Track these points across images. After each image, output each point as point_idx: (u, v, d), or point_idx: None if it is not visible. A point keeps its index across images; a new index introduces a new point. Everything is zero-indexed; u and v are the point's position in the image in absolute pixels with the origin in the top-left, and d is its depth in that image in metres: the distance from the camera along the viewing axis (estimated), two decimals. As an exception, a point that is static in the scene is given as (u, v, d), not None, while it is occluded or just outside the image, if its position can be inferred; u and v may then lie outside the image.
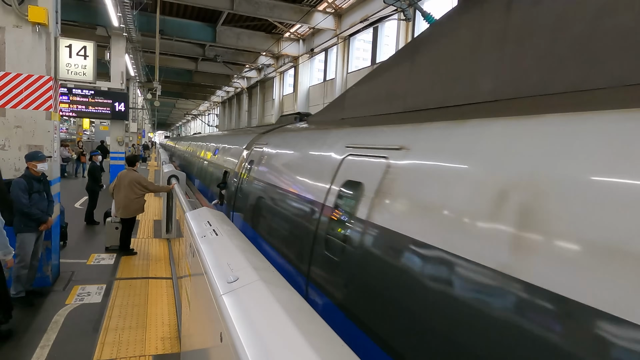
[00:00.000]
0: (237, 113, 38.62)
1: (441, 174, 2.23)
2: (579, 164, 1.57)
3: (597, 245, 1.40)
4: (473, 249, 1.86)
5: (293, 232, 3.79)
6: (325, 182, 3.37)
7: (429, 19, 8.26)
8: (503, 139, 1.98)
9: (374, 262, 2.51)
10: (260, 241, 4.58)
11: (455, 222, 2.00)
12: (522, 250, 1.64)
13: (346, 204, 2.99)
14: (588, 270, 1.40)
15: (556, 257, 1.50)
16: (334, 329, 1.64)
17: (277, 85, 26.77)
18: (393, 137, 2.81)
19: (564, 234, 1.52)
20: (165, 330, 4.66)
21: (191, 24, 20.81)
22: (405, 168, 2.52)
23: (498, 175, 1.88)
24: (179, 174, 9.10)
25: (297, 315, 1.75)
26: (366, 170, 2.88)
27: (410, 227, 2.27)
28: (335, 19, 17.63)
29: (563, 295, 1.44)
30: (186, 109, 59.39)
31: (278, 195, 4.38)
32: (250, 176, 5.63)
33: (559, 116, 1.81)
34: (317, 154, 3.91)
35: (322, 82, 21.08)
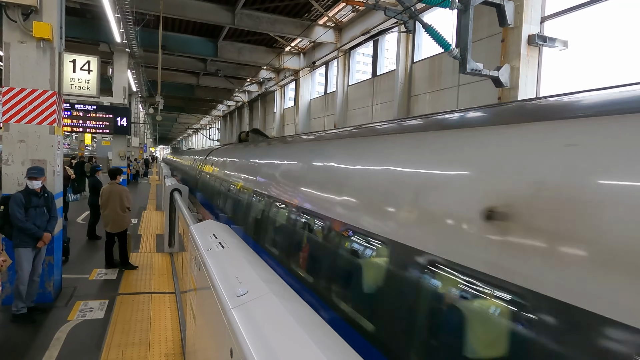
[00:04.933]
0: (238, 127, 38.76)
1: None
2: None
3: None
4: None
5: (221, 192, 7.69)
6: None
7: (430, 31, 8.31)
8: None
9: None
10: (206, 202, 8.92)
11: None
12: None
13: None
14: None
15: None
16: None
17: (278, 98, 26.91)
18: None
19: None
20: (169, 346, 4.57)
21: (193, 39, 21.01)
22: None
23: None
24: (182, 187, 9.06)
25: (310, 328, 1.70)
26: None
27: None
28: (335, 32, 17.79)
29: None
30: (187, 123, 59.65)
31: (209, 177, 9.97)
32: (202, 171, 11.75)
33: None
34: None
35: (323, 95, 21.18)
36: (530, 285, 1.43)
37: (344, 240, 2.92)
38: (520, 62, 8.56)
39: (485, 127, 2.17)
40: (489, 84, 8.95)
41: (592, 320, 1.25)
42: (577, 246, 1.33)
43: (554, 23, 8.84)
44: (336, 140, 4.44)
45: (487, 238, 1.69)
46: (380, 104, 15.44)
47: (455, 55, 8.16)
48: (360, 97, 16.98)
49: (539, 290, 1.39)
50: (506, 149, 1.85)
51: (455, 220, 1.90)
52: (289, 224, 4.13)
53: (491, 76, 8.53)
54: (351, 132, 4.36)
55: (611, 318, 1.20)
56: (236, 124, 39.56)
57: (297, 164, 4.75)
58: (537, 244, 1.45)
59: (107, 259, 7.42)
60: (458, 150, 2.17)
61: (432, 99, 12.40)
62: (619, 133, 1.40)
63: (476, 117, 2.47)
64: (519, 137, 1.83)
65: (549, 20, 8.83)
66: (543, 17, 8.82)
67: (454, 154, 2.17)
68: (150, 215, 13.44)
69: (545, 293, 1.37)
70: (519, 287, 1.47)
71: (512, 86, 8.61)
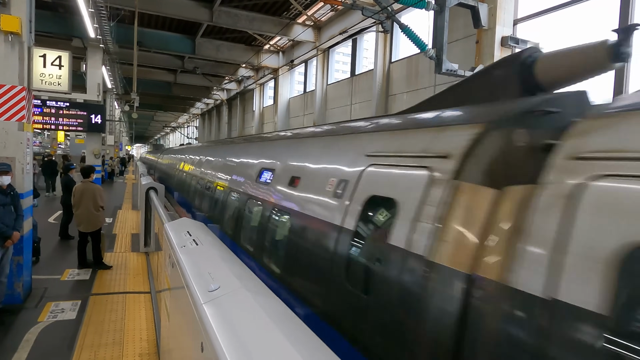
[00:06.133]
0: (216, 125, 38.37)
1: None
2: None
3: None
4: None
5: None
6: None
7: (407, 31, 8.42)
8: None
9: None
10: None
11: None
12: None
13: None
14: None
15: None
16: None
17: (257, 97, 26.76)
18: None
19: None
20: (143, 346, 4.51)
21: (170, 36, 20.69)
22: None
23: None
24: (158, 186, 8.93)
25: (281, 321, 1.72)
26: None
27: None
28: (314, 31, 17.82)
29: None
30: (165, 121, 58.68)
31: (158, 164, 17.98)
32: (157, 162, 19.24)
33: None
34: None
35: (303, 93, 21.18)
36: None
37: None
38: (494, 63, 8.76)
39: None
40: (464, 84, 9.12)
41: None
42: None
43: (526, 25, 9.09)
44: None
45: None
46: (359, 103, 15.55)
47: (431, 56, 8.29)
48: (339, 96, 17.06)
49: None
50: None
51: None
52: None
53: (466, 77, 8.69)
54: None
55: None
56: (215, 122, 39.15)
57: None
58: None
59: (80, 259, 7.26)
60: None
61: (409, 98, 12.57)
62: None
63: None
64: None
65: (521, 22, 9.07)
66: (516, 20, 9.06)
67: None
68: (126, 215, 13.19)
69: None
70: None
71: (486, 86, 8.81)
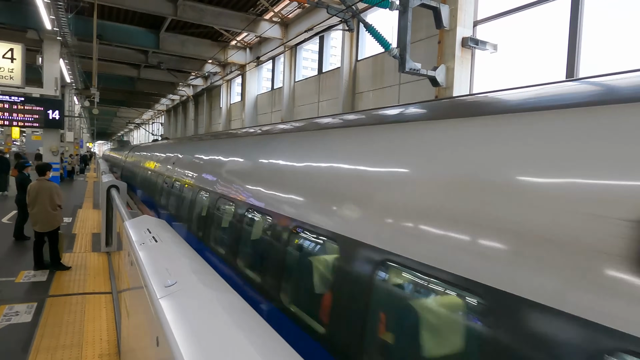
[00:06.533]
0: (183, 122, 37.58)
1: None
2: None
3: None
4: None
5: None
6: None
7: (371, 30, 8.55)
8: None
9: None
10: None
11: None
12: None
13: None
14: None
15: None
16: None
17: (224, 93, 26.41)
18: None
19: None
20: (103, 347, 4.42)
21: (132, 30, 20.09)
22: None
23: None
24: (120, 184, 8.70)
25: (237, 315, 1.76)
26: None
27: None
28: (281, 28, 17.76)
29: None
30: (129, 117, 56.88)
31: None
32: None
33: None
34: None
35: (270, 90, 21.09)
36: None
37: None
38: (455, 63, 9.05)
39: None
40: (428, 83, 9.39)
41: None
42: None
43: (486, 27, 9.42)
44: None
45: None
46: (326, 101, 15.65)
47: (395, 55, 8.47)
48: (306, 93, 17.10)
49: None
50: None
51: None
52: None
53: (428, 76, 8.94)
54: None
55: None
56: (181, 118, 38.33)
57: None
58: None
59: (36, 260, 6.99)
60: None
61: (375, 96, 12.77)
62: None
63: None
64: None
65: (481, 24, 9.40)
66: (475, 21, 9.37)
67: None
68: (86, 214, 12.76)
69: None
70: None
71: (447, 85, 9.09)
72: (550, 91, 1.85)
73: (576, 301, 1.23)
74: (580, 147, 1.41)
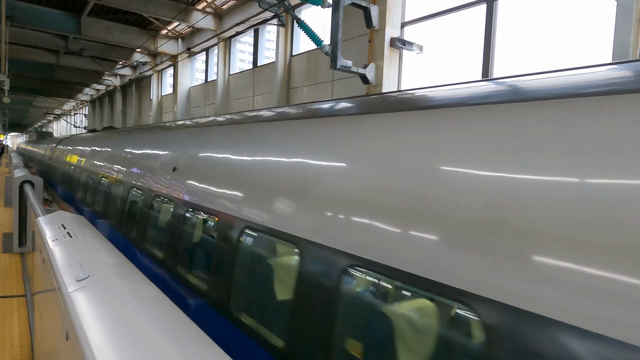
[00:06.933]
0: (109, 113, 35.34)
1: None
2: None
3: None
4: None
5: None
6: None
7: (303, 26, 8.66)
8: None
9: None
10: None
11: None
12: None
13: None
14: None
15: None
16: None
17: (155, 84, 25.21)
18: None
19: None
20: (15, 352, 4.14)
21: (50, 12, 18.48)
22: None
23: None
24: (35, 179, 8.07)
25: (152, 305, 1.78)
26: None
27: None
28: (215, 19, 17.31)
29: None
30: (47, 107, 52.26)
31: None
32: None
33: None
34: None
35: (204, 83, 20.51)
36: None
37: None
38: (384, 62, 9.44)
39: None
40: (360, 80, 9.70)
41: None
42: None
43: (413, 29, 9.91)
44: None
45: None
46: (261, 95, 15.55)
47: (326, 52, 8.65)
48: (241, 87, 16.87)
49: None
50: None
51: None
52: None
53: (359, 73, 9.25)
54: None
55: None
56: (107, 110, 36.01)
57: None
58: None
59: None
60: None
61: (309, 92, 12.93)
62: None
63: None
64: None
65: (408, 26, 9.87)
66: (403, 23, 9.82)
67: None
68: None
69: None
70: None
71: (377, 83, 9.46)
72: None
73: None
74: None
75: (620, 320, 1.09)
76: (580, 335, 1.15)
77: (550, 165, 1.38)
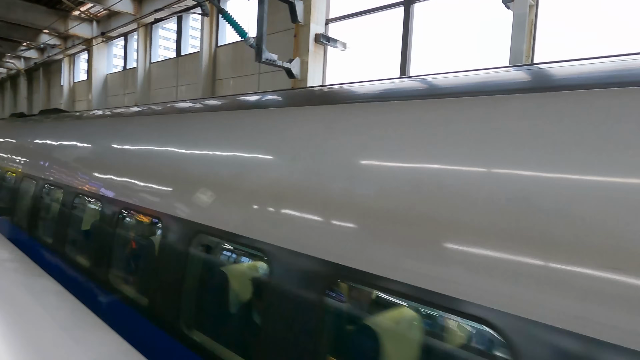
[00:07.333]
0: (12, 100, 31.87)
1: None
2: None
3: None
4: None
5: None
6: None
7: (226, 17, 8.52)
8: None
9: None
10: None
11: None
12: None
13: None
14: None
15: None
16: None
17: (66, 70, 23.18)
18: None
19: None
20: None
21: None
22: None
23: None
24: None
25: (46, 298, 1.73)
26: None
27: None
28: (134, 3, 16.33)
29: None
30: None
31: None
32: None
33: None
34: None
35: (123, 70, 19.30)
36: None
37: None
38: (309, 57, 9.59)
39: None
40: (285, 74, 9.76)
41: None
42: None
43: (337, 26, 10.17)
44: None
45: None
46: (185, 85, 15.01)
47: (251, 44, 8.60)
48: (164, 76, 16.13)
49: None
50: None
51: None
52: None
53: (284, 67, 9.31)
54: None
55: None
56: (9, 96, 32.43)
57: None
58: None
59: None
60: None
61: (235, 84, 12.75)
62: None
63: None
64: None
65: (332, 23, 10.11)
66: (328, 19, 10.04)
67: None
68: None
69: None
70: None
71: (302, 78, 9.59)
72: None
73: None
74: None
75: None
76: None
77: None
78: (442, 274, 1.40)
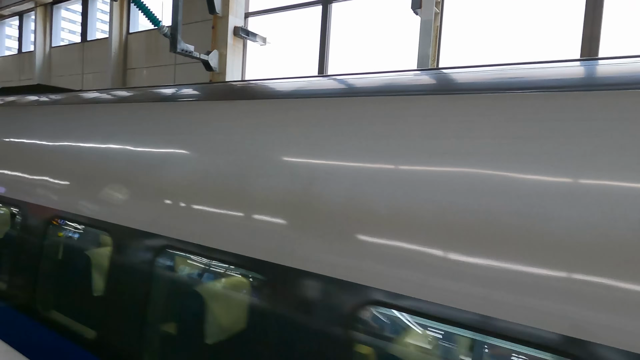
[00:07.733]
0: None
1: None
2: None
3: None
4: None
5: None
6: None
7: (137, 3, 8.03)
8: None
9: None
10: None
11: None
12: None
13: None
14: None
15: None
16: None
17: (-55, 49, 20.19)
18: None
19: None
20: None
21: None
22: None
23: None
24: None
25: None
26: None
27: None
28: (30, -21, 14.72)
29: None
30: None
31: None
32: None
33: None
34: None
35: (17, 54, 17.30)
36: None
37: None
38: (228, 51, 9.38)
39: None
40: (203, 67, 9.45)
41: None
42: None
43: (257, 20, 10.07)
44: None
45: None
46: (92, 74, 13.87)
47: (165, 33, 8.21)
48: (67, 62, 14.74)
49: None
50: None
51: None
52: None
53: (201, 59, 9.02)
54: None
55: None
56: None
57: None
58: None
59: None
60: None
61: (149, 74, 12.07)
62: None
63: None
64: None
65: (252, 16, 9.99)
66: (247, 13, 9.90)
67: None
68: None
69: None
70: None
71: (220, 71, 9.37)
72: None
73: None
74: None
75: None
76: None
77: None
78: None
